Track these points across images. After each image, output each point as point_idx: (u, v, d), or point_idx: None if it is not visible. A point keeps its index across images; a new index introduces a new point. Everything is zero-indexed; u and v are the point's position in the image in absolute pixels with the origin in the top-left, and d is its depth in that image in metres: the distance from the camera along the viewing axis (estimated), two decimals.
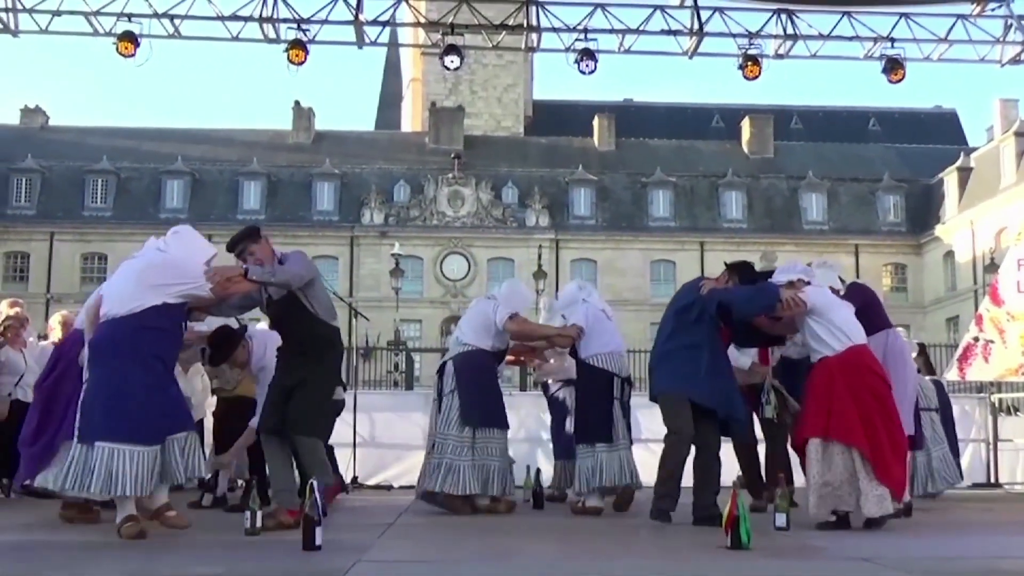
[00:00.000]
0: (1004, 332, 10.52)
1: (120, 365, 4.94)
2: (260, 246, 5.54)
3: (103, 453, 4.78)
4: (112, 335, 5.03)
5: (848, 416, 5.57)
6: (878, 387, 5.72)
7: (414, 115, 56.37)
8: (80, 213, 42.74)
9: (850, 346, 5.72)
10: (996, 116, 46.06)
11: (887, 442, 5.57)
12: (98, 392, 4.92)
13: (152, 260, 5.26)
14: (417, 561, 4.34)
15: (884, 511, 5.51)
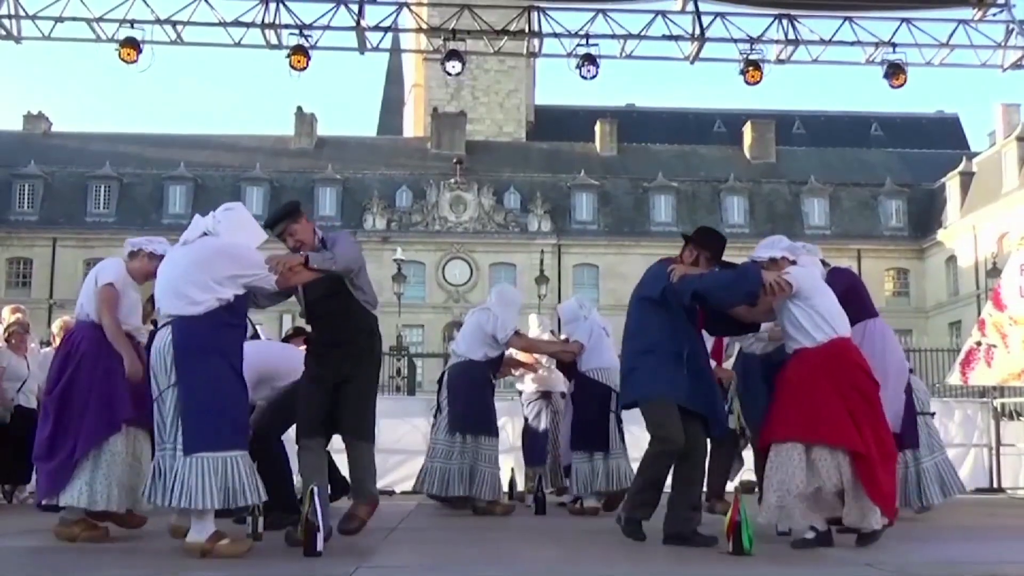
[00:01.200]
0: (1007, 337, 10.52)
1: (213, 370, 4.54)
2: (301, 226, 5.10)
3: (212, 464, 4.41)
4: (192, 337, 4.56)
5: (838, 418, 4.86)
6: (866, 385, 5.00)
7: (416, 120, 56.43)
8: (83, 219, 42.78)
9: (833, 338, 4.99)
10: (998, 121, 46.07)
11: (875, 448, 4.88)
12: (200, 399, 4.48)
13: (211, 248, 4.73)
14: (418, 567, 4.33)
15: (867, 526, 4.86)
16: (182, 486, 4.37)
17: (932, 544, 5.32)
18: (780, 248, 5.44)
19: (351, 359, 5.11)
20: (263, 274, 4.70)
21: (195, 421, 4.44)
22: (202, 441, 4.42)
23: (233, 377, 4.63)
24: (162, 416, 4.55)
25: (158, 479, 4.50)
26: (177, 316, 4.59)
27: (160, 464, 4.52)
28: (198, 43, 12.89)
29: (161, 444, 4.55)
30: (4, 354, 8.61)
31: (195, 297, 4.59)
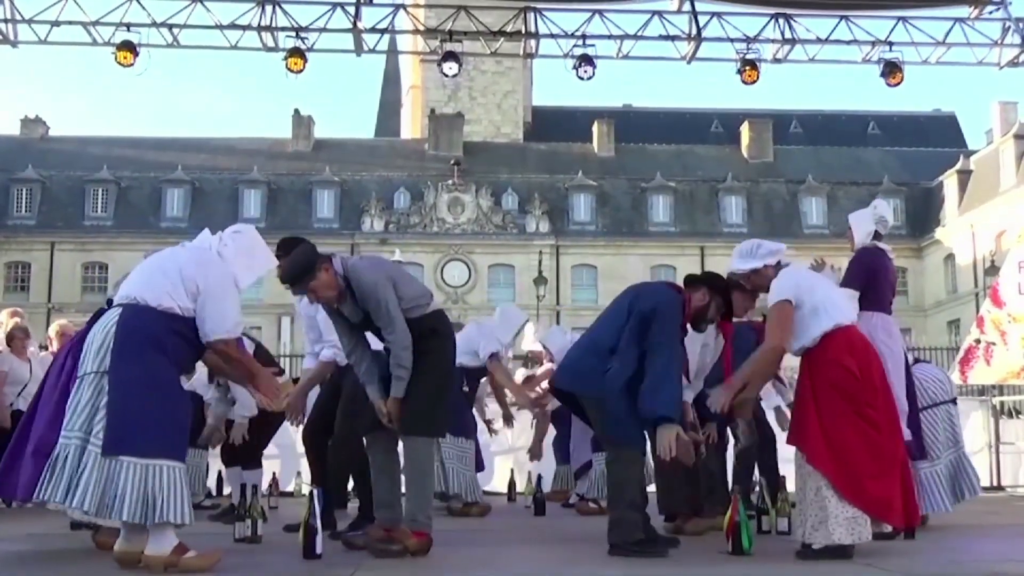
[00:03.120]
0: (1006, 334, 10.51)
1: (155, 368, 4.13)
2: (320, 282, 4.60)
3: (134, 470, 3.98)
4: (141, 329, 4.16)
5: (808, 423, 4.60)
6: (844, 381, 4.56)
7: (413, 122, 56.45)
8: (80, 223, 42.77)
9: (824, 333, 4.62)
10: (995, 119, 46.12)
11: (861, 450, 4.51)
12: (133, 396, 4.05)
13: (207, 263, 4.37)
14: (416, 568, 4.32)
15: (858, 538, 4.50)
16: (96, 489, 3.96)
17: (933, 543, 5.31)
18: (760, 257, 4.97)
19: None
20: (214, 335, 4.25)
21: (122, 420, 4.00)
22: (128, 444, 3.97)
23: (174, 381, 4.26)
24: (77, 400, 4.12)
25: (60, 472, 4.03)
26: (132, 302, 4.22)
27: (63, 454, 4.06)
28: (194, 46, 12.88)
29: (68, 430, 4.10)
30: (6, 358, 8.59)
31: (160, 290, 4.22)
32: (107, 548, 4.47)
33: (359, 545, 4.83)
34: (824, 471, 4.51)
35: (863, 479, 4.49)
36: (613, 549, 4.70)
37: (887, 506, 4.54)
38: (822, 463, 4.52)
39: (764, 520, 5.62)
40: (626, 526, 4.70)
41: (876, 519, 4.56)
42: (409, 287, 4.81)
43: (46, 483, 4.08)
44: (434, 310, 4.86)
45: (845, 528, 4.47)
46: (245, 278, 4.49)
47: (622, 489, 4.75)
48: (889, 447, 4.60)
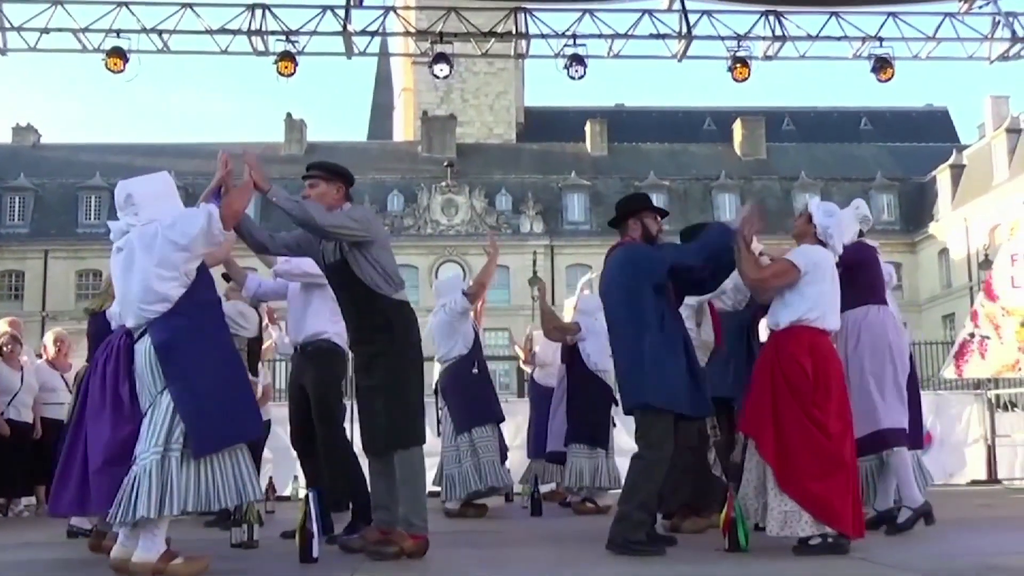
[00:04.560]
0: (1000, 328, 10.54)
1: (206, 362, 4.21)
2: (326, 188, 4.82)
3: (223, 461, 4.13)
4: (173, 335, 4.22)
5: (760, 410, 4.65)
6: (796, 378, 4.59)
7: (406, 124, 56.41)
8: (74, 230, 42.67)
9: (794, 323, 4.69)
10: (987, 113, 46.20)
11: (803, 449, 4.51)
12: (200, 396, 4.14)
13: (148, 236, 4.34)
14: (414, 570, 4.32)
15: (790, 532, 4.52)
16: (194, 489, 4.04)
17: (928, 536, 5.31)
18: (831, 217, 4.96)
19: (380, 360, 4.68)
20: (204, 227, 4.27)
21: (199, 419, 4.09)
22: (211, 440, 4.10)
23: (228, 360, 4.33)
24: (151, 422, 4.16)
25: (147, 487, 4.02)
26: (150, 320, 4.23)
27: (144, 472, 4.05)
28: (185, 51, 12.84)
29: (144, 451, 4.11)
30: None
31: (163, 293, 4.23)
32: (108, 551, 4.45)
33: (355, 548, 4.83)
34: (768, 462, 4.58)
35: (804, 478, 4.51)
36: (611, 544, 4.71)
37: (828, 508, 4.50)
38: (767, 453, 4.59)
39: None
40: (631, 524, 4.72)
41: (817, 520, 4.51)
42: (386, 262, 4.77)
43: (131, 502, 4.03)
44: (396, 298, 4.76)
45: (777, 522, 4.53)
46: (175, 205, 4.54)
47: (638, 488, 4.78)
48: (834, 451, 4.57)
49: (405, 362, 4.72)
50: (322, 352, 5.72)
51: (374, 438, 4.75)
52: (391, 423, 4.65)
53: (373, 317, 4.69)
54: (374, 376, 4.70)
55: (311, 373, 5.69)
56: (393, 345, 4.68)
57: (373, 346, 4.70)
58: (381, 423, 4.68)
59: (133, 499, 4.03)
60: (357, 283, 4.68)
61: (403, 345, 4.72)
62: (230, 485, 4.13)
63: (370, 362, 4.73)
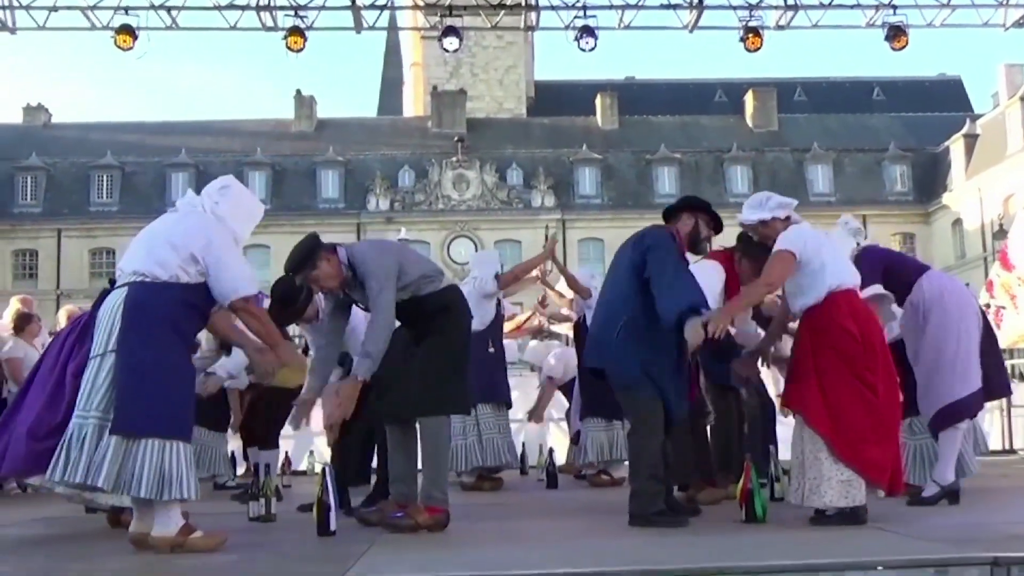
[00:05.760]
0: (1016, 298, 10.46)
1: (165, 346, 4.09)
2: (323, 272, 4.66)
3: (152, 449, 3.98)
4: (149, 305, 4.10)
5: (805, 384, 4.59)
6: (844, 344, 4.54)
7: (416, 100, 56.25)
8: (86, 209, 42.81)
9: (827, 294, 4.63)
10: (1001, 82, 45.75)
11: (859, 413, 4.48)
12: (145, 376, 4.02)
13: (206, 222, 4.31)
14: (432, 543, 4.33)
15: (852, 501, 4.48)
16: (113, 467, 3.94)
17: (946, 507, 5.30)
18: (770, 208, 4.88)
19: (418, 336, 4.77)
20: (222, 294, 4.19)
21: (135, 399, 3.98)
22: (142, 423, 3.98)
23: (183, 358, 4.25)
24: (93, 380, 4.09)
25: (78, 452, 3.99)
26: (139, 279, 4.16)
27: (80, 433, 4.02)
28: (193, 27, 12.85)
29: (84, 410, 4.06)
30: (20, 345, 8.64)
31: (166, 261, 4.16)
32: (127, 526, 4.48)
33: (373, 521, 4.84)
34: (822, 432, 4.50)
35: (860, 442, 4.48)
36: (633, 519, 4.72)
37: (882, 469, 4.54)
38: (820, 424, 4.52)
39: (776, 488, 5.63)
40: (646, 497, 4.71)
41: (870, 483, 4.55)
42: (416, 266, 4.81)
43: (62, 464, 4.04)
44: (447, 286, 4.85)
45: (838, 491, 4.48)
46: (244, 230, 4.49)
47: (642, 460, 4.76)
48: (887, 413, 4.57)
49: (454, 341, 4.78)
50: None
51: (403, 402, 4.71)
52: (419, 389, 4.65)
53: (428, 310, 4.77)
54: (423, 345, 4.72)
55: None
56: (447, 324, 4.77)
57: (431, 323, 4.75)
58: (414, 388, 4.66)
59: (67, 459, 4.01)
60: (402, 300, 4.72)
61: (457, 325, 4.82)
62: (152, 476, 3.97)
63: (423, 335, 4.75)
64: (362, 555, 3.85)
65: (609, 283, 5.10)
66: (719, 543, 4.17)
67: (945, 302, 5.57)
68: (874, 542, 4.03)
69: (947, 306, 5.56)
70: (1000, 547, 3.58)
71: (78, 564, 3.94)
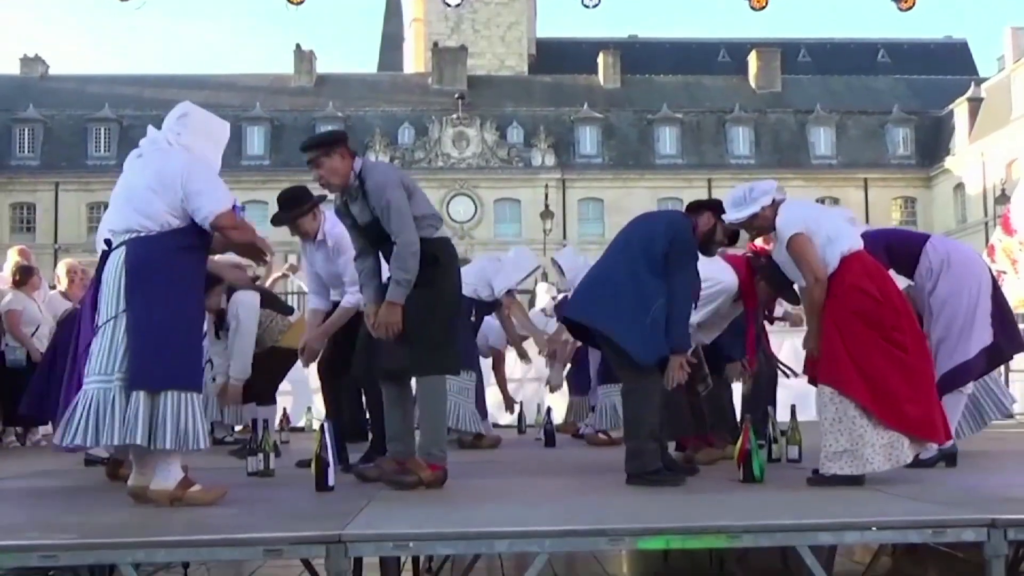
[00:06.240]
0: (1016, 262, 10.43)
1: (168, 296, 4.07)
2: (333, 161, 4.62)
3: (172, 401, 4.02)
4: (148, 259, 4.08)
5: (836, 355, 4.49)
6: (866, 307, 4.47)
7: (416, 56, 55.82)
8: (84, 162, 42.65)
9: (842, 256, 4.56)
10: (1007, 45, 45.38)
11: (894, 374, 4.43)
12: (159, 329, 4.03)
13: (178, 161, 4.22)
14: (430, 500, 4.34)
15: (897, 461, 4.49)
16: (145, 422, 3.96)
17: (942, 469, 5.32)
18: (754, 201, 4.71)
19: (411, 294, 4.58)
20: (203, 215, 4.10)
21: (151, 355, 4.00)
22: (161, 377, 4.00)
23: (192, 306, 4.23)
24: (110, 343, 4.07)
25: (106, 413, 4.00)
26: (133, 236, 4.13)
27: (105, 397, 4.01)
28: None
29: (107, 373, 4.04)
30: (20, 298, 8.62)
31: (152, 212, 4.12)
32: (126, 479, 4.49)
33: (372, 477, 4.85)
34: (859, 399, 4.43)
35: (901, 402, 4.44)
36: (631, 478, 4.73)
37: (931, 425, 4.50)
38: (856, 391, 4.44)
39: (774, 448, 5.64)
40: (645, 456, 4.71)
41: (920, 439, 4.54)
42: (420, 204, 4.72)
43: (93, 429, 4.01)
44: (439, 236, 4.77)
45: (883, 455, 4.46)
46: (214, 154, 4.44)
47: (640, 420, 4.74)
48: (920, 367, 4.54)
49: (442, 293, 4.69)
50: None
51: (392, 360, 4.68)
52: (412, 348, 4.62)
53: (423, 257, 4.62)
54: (410, 302, 4.63)
55: None
56: (437, 277, 4.67)
57: (420, 275, 4.63)
58: (407, 345, 4.63)
59: (96, 426, 3.99)
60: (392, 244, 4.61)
61: (447, 278, 4.73)
62: (175, 428, 4.00)
63: (411, 290, 4.65)
64: (360, 511, 3.85)
65: (615, 250, 4.97)
66: (716, 502, 4.18)
67: (952, 268, 5.53)
68: (871, 503, 4.04)
69: (954, 272, 5.53)
70: (997, 509, 3.59)
71: (75, 517, 3.94)
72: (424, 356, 4.63)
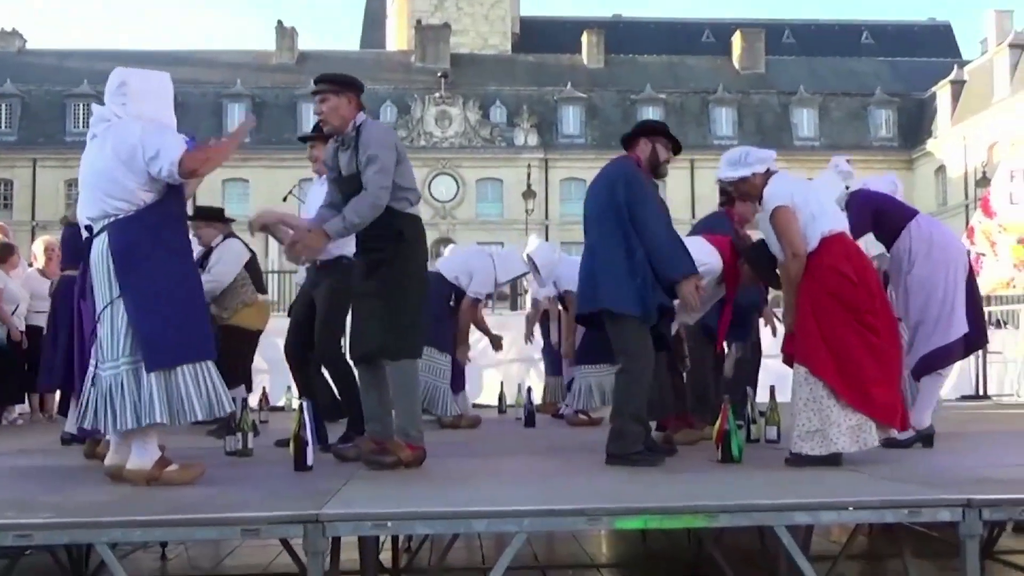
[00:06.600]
0: (995, 244, 10.49)
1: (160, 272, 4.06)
2: (339, 100, 4.63)
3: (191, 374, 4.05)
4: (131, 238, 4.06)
5: (808, 334, 4.53)
6: (842, 289, 4.50)
7: (399, 33, 55.43)
8: (62, 139, 42.21)
9: (823, 237, 4.57)
10: (990, 28, 45.58)
11: (865, 356, 4.47)
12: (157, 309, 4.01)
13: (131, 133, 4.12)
14: (410, 480, 4.33)
15: (864, 444, 4.52)
16: (163, 403, 3.96)
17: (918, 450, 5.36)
18: (748, 165, 4.75)
19: (377, 270, 4.59)
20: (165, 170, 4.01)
21: (158, 334, 3.98)
22: (173, 354, 3.99)
23: (186, 275, 4.19)
24: (110, 330, 4.05)
25: (117, 399, 3.99)
26: (112, 220, 4.08)
27: (115, 383, 4.01)
28: None
29: (113, 359, 4.03)
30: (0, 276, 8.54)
31: (124, 194, 4.06)
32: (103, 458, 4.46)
33: (351, 457, 4.84)
34: (827, 380, 4.47)
35: (868, 385, 4.46)
36: (610, 458, 4.73)
37: (892, 410, 4.53)
38: (825, 372, 4.48)
39: (752, 429, 5.67)
40: (627, 437, 4.71)
41: (883, 425, 4.55)
42: (405, 176, 4.68)
43: (108, 415, 4.01)
44: (410, 213, 4.71)
45: (849, 437, 4.48)
46: (165, 113, 4.31)
47: (628, 400, 4.75)
48: (890, 352, 4.56)
49: (408, 273, 4.64)
50: (340, 267, 5.63)
51: (364, 343, 4.69)
52: (384, 330, 4.59)
53: (385, 228, 4.60)
54: (374, 282, 4.62)
55: (325, 283, 5.59)
56: (399, 255, 4.61)
57: (379, 254, 4.61)
58: (374, 329, 4.62)
59: (111, 410, 4.00)
60: None
61: (410, 257, 4.66)
62: (201, 398, 4.04)
63: (373, 269, 4.64)
64: (338, 490, 3.84)
65: (595, 229, 4.96)
66: (694, 482, 4.19)
67: (933, 252, 5.52)
68: (848, 483, 4.06)
69: (934, 256, 5.52)
70: (973, 489, 3.62)
71: (51, 497, 3.91)
72: (392, 341, 4.59)
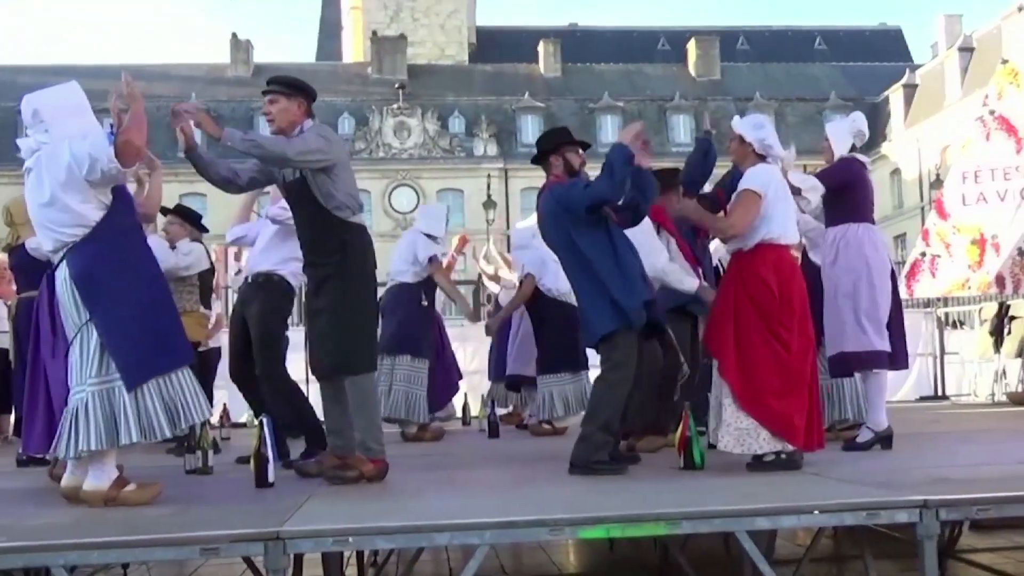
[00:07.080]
0: (950, 246, 10.61)
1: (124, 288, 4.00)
2: (289, 103, 4.60)
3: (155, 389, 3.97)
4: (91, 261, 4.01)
5: (722, 331, 4.63)
6: (762, 297, 4.56)
7: (355, 45, 55.24)
8: (15, 155, 41.16)
9: (759, 243, 4.64)
10: (940, 32, 46.35)
11: (768, 367, 4.52)
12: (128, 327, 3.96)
13: (60, 155, 4.05)
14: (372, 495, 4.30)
15: (746, 450, 4.56)
16: (134, 420, 3.88)
17: (879, 451, 5.42)
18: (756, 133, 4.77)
19: (329, 284, 4.55)
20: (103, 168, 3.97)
21: (131, 352, 3.94)
22: (146, 368, 3.94)
23: (152, 283, 4.13)
24: (80, 355, 4.00)
25: (83, 421, 3.91)
26: (67, 246, 4.03)
27: (83, 407, 3.92)
28: None
29: (80, 384, 3.97)
30: None
31: (76, 219, 4.00)
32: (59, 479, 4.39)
33: (312, 473, 4.80)
34: (729, 381, 4.58)
35: (765, 395, 4.53)
36: (573, 468, 4.72)
37: (788, 424, 4.54)
38: (728, 373, 4.58)
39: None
40: (593, 445, 4.72)
41: (776, 435, 4.56)
42: (346, 183, 4.64)
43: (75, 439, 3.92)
44: (354, 222, 4.66)
45: (734, 438, 4.57)
46: (89, 121, 4.33)
47: (601, 409, 4.77)
48: (797, 368, 4.58)
49: (357, 286, 4.61)
50: (271, 284, 5.66)
51: (321, 361, 4.68)
52: (338, 347, 4.57)
53: (327, 238, 4.57)
54: (324, 298, 4.59)
55: (256, 303, 5.61)
56: (345, 268, 4.57)
57: (325, 268, 4.59)
58: (328, 346, 4.60)
59: (75, 433, 3.92)
60: (314, 203, 4.56)
61: (356, 269, 4.62)
62: (168, 412, 3.97)
63: (321, 284, 4.63)
64: (300, 507, 3.81)
65: (563, 264, 5.04)
66: (657, 490, 4.20)
67: (865, 250, 5.50)
68: (809, 487, 4.09)
69: (866, 254, 5.49)
70: (929, 490, 3.66)
71: (6, 519, 3.83)
72: (346, 358, 4.57)
